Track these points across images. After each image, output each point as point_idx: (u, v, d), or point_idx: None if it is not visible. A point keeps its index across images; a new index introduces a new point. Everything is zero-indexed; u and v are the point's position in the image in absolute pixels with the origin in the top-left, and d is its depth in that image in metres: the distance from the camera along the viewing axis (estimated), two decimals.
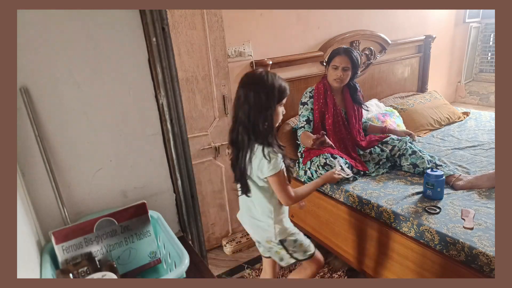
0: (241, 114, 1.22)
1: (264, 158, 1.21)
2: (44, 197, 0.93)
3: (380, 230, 1.71)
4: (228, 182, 2.33)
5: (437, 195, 1.68)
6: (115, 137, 1.01)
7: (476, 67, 4.02)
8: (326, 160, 1.91)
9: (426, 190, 1.70)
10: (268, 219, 1.35)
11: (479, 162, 2.08)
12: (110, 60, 0.95)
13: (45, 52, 0.86)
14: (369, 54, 2.90)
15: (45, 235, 0.93)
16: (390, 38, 2.99)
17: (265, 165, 1.22)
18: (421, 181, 1.85)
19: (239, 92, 1.22)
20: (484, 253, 1.31)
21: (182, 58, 1.92)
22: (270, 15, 2.31)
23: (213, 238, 2.40)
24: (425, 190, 1.71)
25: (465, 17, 3.71)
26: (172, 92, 1.05)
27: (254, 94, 1.19)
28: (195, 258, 0.98)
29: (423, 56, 3.35)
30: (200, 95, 2.05)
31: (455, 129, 2.74)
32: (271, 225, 1.35)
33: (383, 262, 1.74)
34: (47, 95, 0.89)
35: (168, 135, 1.08)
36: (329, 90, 2.08)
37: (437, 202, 1.67)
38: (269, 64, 2.28)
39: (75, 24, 0.88)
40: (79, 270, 0.82)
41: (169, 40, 1.01)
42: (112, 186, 1.04)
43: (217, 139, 2.20)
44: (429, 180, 1.68)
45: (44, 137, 0.90)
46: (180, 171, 1.13)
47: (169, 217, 1.15)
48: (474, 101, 4.04)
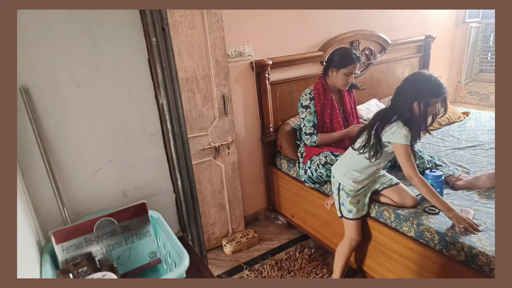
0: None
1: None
2: (44, 197, 0.93)
3: (380, 230, 1.71)
4: (228, 182, 2.33)
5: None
6: (115, 137, 1.01)
7: (476, 67, 4.02)
8: (326, 159, 1.92)
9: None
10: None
11: (479, 162, 2.09)
12: (110, 60, 0.95)
13: (45, 52, 0.86)
14: (369, 54, 2.90)
15: (45, 235, 0.93)
16: (390, 38, 2.99)
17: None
18: None
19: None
20: (484, 253, 1.31)
21: (182, 58, 1.92)
22: (270, 15, 2.31)
23: (213, 238, 2.40)
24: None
25: (465, 17, 3.71)
26: (172, 92, 1.05)
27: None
28: (195, 258, 0.98)
29: (423, 56, 3.35)
30: (200, 95, 2.06)
31: (455, 129, 2.74)
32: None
33: (383, 262, 1.74)
34: (47, 95, 0.88)
35: (168, 135, 1.08)
36: (327, 90, 2.08)
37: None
38: (269, 64, 2.28)
39: (75, 24, 0.88)
40: (79, 270, 0.82)
41: (169, 40, 1.01)
42: (112, 186, 1.04)
43: (217, 139, 2.20)
44: (428, 181, 1.68)
45: (44, 137, 0.90)
46: (180, 171, 1.13)
47: (169, 217, 1.15)
48: (474, 101, 4.04)
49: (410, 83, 1.53)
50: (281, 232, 2.53)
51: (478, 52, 3.95)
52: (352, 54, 1.98)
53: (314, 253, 2.21)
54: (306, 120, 2.06)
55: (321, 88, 2.07)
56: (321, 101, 2.06)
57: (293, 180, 2.29)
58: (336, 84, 2.04)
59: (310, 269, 2.06)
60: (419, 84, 1.50)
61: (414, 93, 1.49)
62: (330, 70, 2.04)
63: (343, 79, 1.99)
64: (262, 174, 2.62)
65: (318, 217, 2.14)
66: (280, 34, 2.40)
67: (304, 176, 2.08)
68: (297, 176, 2.24)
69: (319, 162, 1.94)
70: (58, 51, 0.87)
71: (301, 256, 2.18)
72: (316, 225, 2.18)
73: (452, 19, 3.65)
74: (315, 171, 1.97)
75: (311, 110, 2.06)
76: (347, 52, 2.00)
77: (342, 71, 1.97)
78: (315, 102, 2.06)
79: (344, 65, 1.96)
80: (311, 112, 2.06)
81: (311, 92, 2.09)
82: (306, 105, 2.08)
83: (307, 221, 2.27)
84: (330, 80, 2.07)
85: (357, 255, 1.89)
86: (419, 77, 1.52)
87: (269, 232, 2.54)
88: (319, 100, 2.06)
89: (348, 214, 1.73)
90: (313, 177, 2.00)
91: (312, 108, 2.06)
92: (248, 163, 2.52)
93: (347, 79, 1.99)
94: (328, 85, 2.08)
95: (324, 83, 2.08)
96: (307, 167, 2.04)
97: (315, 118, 2.05)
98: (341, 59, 1.97)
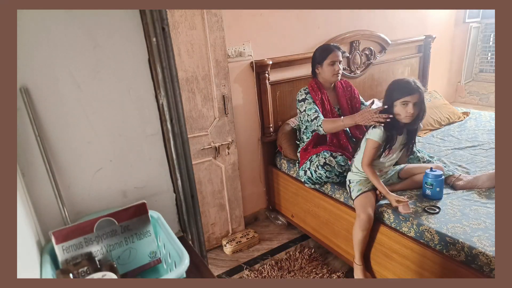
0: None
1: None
2: (44, 197, 0.93)
3: (380, 230, 1.71)
4: (228, 182, 2.33)
5: (436, 195, 1.69)
6: (115, 137, 1.01)
7: (476, 67, 4.02)
8: (325, 160, 1.92)
9: (425, 190, 1.71)
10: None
11: (479, 162, 2.09)
12: (110, 60, 0.95)
13: (45, 52, 0.86)
14: (369, 54, 2.90)
15: (45, 235, 0.93)
16: (390, 38, 2.99)
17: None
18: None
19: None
20: (484, 253, 1.31)
21: (182, 58, 1.92)
22: (270, 15, 2.31)
23: (213, 238, 2.40)
24: (424, 189, 1.71)
25: (465, 17, 3.71)
26: (172, 92, 1.05)
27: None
28: (195, 258, 0.98)
29: (423, 56, 3.35)
30: (200, 95, 2.06)
31: (455, 129, 2.74)
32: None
33: (383, 262, 1.74)
34: (47, 95, 0.88)
35: (168, 135, 1.08)
36: (321, 87, 2.09)
37: (436, 202, 1.67)
38: (269, 64, 2.28)
39: (75, 24, 0.88)
40: (79, 270, 0.82)
41: (169, 40, 1.01)
42: (112, 186, 1.04)
43: (217, 139, 2.20)
44: (428, 180, 1.68)
45: (44, 137, 0.90)
46: (180, 171, 1.13)
47: (169, 217, 1.15)
48: (474, 101, 4.04)
49: (386, 89, 1.75)
50: (281, 232, 2.53)
51: (478, 52, 3.95)
52: (329, 45, 2.09)
53: (314, 253, 2.21)
54: (308, 110, 2.05)
55: (315, 85, 2.08)
56: (316, 96, 2.06)
57: (293, 180, 2.30)
58: (326, 77, 2.06)
59: (310, 269, 2.06)
60: (390, 87, 1.72)
61: (387, 96, 1.72)
62: (316, 69, 2.10)
63: (330, 70, 2.03)
64: (262, 174, 2.62)
65: (318, 217, 2.14)
66: (280, 34, 2.40)
67: (303, 177, 2.08)
68: (297, 176, 2.24)
69: (318, 163, 1.94)
70: (58, 51, 0.87)
71: (301, 256, 2.18)
72: (316, 225, 2.18)
73: (452, 19, 3.65)
74: (314, 172, 1.97)
75: (310, 101, 2.06)
76: (324, 46, 2.11)
77: (326, 63, 2.03)
78: (312, 96, 2.07)
79: (324, 56, 2.04)
80: (310, 103, 2.06)
81: (306, 89, 2.11)
82: (303, 98, 2.09)
83: (307, 221, 2.27)
84: (321, 77, 2.09)
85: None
86: (392, 82, 1.74)
87: (269, 232, 2.54)
88: (315, 95, 2.06)
89: (356, 193, 1.80)
90: (312, 178, 2.00)
91: (310, 100, 2.07)
92: (248, 163, 2.52)
93: (333, 69, 2.02)
94: (321, 83, 2.09)
95: (317, 81, 2.10)
96: (306, 168, 2.05)
97: (316, 106, 2.05)
98: (321, 53, 2.06)
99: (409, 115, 1.64)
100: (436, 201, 1.68)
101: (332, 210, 2.00)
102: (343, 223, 1.94)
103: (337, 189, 1.96)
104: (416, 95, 1.63)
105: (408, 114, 1.64)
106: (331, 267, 2.08)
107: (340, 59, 2.04)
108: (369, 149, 1.74)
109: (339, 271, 2.02)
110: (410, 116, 1.65)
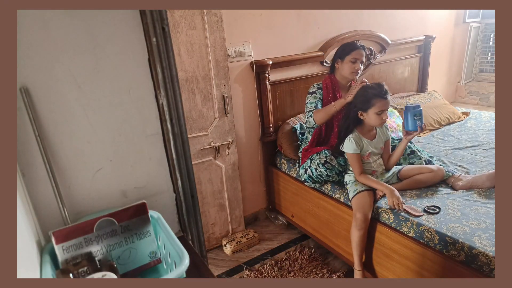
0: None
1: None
2: (44, 197, 0.93)
3: (380, 230, 1.71)
4: (228, 182, 2.33)
5: (409, 126, 1.79)
6: (115, 137, 1.01)
7: (476, 67, 4.02)
8: (326, 158, 1.92)
9: (405, 123, 1.82)
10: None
11: (479, 162, 2.09)
12: (110, 60, 0.95)
13: (45, 52, 0.86)
14: (369, 54, 2.90)
15: (45, 235, 0.93)
16: (390, 38, 2.99)
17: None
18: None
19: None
20: (484, 253, 1.31)
21: (182, 58, 1.92)
22: (270, 15, 2.31)
23: (213, 238, 2.40)
24: (405, 123, 1.83)
25: (465, 17, 3.71)
26: (172, 92, 1.05)
27: None
28: (195, 258, 0.98)
29: (423, 56, 3.35)
30: (200, 95, 2.06)
31: (455, 129, 2.74)
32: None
33: (383, 262, 1.74)
34: (47, 95, 0.88)
35: (168, 135, 1.08)
36: (337, 85, 2.08)
37: (412, 133, 1.79)
38: (269, 64, 2.28)
39: (75, 24, 0.88)
40: (79, 270, 0.82)
41: (169, 40, 1.01)
42: (112, 186, 1.04)
43: (217, 139, 2.20)
44: (409, 112, 1.79)
45: (44, 137, 0.90)
46: (180, 171, 1.13)
47: (169, 217, 1.15)
48: (474, 101, 4.04)
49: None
50: (281, 232, 2.53)
51: (478, 52, 3.95)
52: (355, 43, 2.09)
53: (314, 253, 2.21)
54: (309, 102, 2.05)
55: (329, 82, 2.07)
56: (330, 94, 2.06)
57: (293, 180, 2.30)
58: (344, 73, 2.04)
59: (310, 269, 2.06)
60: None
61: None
62: (336, 63, 2.07)
63: (350, 67, 2.01)
64: (262, 174, 2.62)
65: (318, 217, 2.14)
66: (280, 34, 2.40)
67: (304, 175, 2.08)
68: (297, 176, 2.24)
69: (319, 161, 1.94)
70: (58, 51, 0.87)
71: (301, 256, 2.18)
72: (316, 225, 2.18)
73: (452, 19, 3.65)
74: (315, 170, 1.97)
75: (317, 96, 2.06)
76: (350, 42, 2.12)
77: (347, 59, 2.00)
78: (322, 93, 2.07)
79: (348, 51, 2.01)
80: (316, 97, 2.05)
81: (320, 84, 2.11)
82: (313, 91, 2.09)
83: (307, 221, 2.27)
84: (338, 73, 2.08)
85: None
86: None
87: (269, 232, 2.54)
88: (327, 93, 2.06)
89: (353, 193, 1.82)
90: (313, 176, 2.00)
91: (318, 95, 2.06)
92: (248, 163, 2.52)
93: (354, 66, 2.00)
94: (337, 80, 2.08)
95: (332, 78, 2.09)
96: (307, 166, 2.04)
97: (319, 103, 2.04)
98: (344, 49, 2.04)
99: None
100: (412, 132, 1.79)
101: (332, 210, 2.00)
102: (343, 223, 1.94)
103: (337, 189, 1.96)
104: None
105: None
106: (331, 267, 2.08)
107: (363, 59, 2.03)
108: (352, 162, 1.85)
109: (339, 271, 2.02)
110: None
